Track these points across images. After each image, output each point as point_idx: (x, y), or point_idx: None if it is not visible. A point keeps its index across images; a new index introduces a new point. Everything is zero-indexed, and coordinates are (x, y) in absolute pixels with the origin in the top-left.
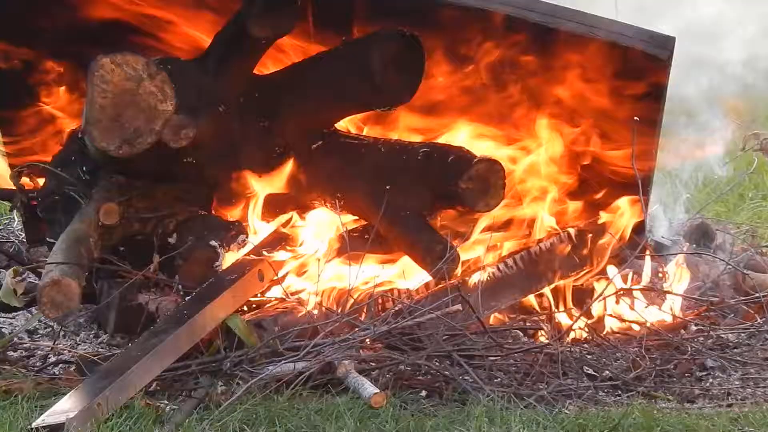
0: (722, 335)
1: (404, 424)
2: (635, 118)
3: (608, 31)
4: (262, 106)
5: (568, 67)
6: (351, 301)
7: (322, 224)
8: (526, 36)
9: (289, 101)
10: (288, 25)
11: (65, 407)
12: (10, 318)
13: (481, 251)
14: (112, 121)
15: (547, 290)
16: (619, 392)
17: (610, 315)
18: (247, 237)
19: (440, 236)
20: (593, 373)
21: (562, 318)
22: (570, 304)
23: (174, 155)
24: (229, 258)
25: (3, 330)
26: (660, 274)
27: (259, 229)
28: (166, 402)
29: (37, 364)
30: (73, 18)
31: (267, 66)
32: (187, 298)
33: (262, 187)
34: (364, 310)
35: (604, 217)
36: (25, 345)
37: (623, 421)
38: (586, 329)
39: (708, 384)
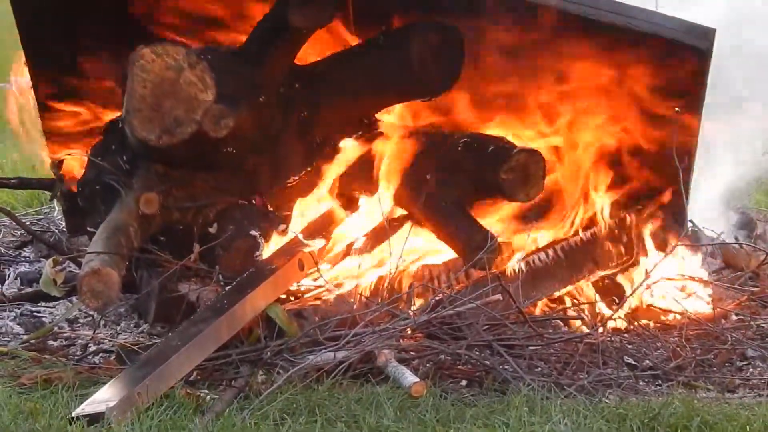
0: (762, 325)
1: (444, 413)
2: (676, 109)
3: (649, 23)
4: (302, 96)
5: (608, 57)
6: (391, 290)
7: (363, 213)
8: (565, 26)
9: (329, 92)
10: (328, 15)
11: (105, 396)
12: (51, 307)
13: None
14: (152, 111)
15: (587, 280)
16: (660, 382)
17: (650, 305)
18: (287, 226)
19: (480, 226)
20: (633, 362)
21: (602, 307)
22: (610, 294)
23: (214, 145)
24: (269, 247)
25: (43, 319)
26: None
27: (301, 218)
28: (206, 391)
29: (78, 353)
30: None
31: (307, 56)
32: (227, 288)
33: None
34: (405, 300)
35: (644, 207)
36: (65, 334)
37: (663, 411)
38: (626, 319)
39: (748, 374)
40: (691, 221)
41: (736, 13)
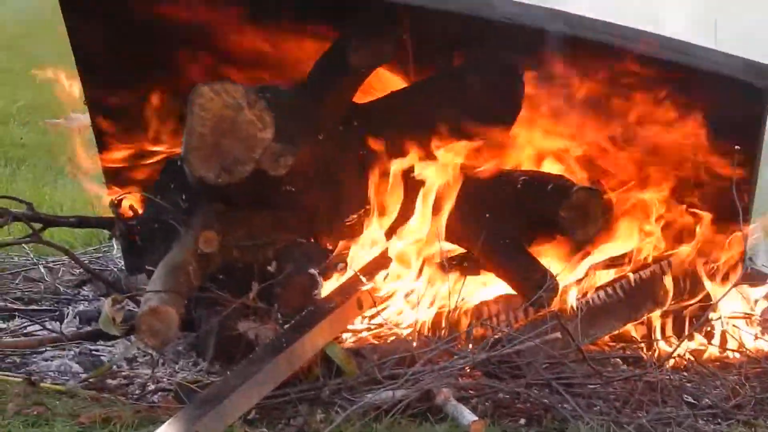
0: None
1: None
2: (736, 147)
3: (709, 61)
4: (361, 134)
5: (664, 95)
6: (449, 329)
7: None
8: (625, 66)
9: (388, 129)
10: (388, 53)
11: None
12: (109, 346)
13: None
14: (211, 149)
15: (646, 318)
16: (719, 420)
17: (709, 343)
18: (346, 265)
19: (539, 264)
20: (693, 401)
21: (661, 346)
22: (669, 331)
23: (273, 183)
24: (328, 285)
25: (102, 358)
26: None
27: (360, 256)
28: (264, 430)
29: (136, 392)
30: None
31: (366, 94)
32: (285, 326)
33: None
34: (463, 338)
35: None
36: (123, 373)
37: None
38: (687, 356)
39: None
40: (750, 259)
41: None
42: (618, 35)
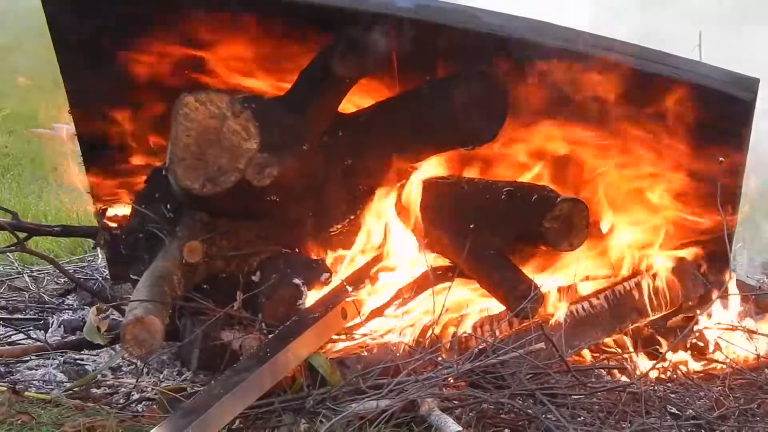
0: None
1: None
2: (720, 158)
3: (694, 73)
4: (346, 144)
5: (651, 109)
6: (434, 339)
7: (407, 262)
8: (610, 77)
9: (372, 140)
10: (373, 64)
11: None
12: (94, 355)
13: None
14: (196, 159)
15: (630, 329)
16: (703, 431)
17: (693, 354)
18: (330, 275)
19: (524, 275)
20: (676, 412)
21: (644, 357)
22: (654, 343)
23: (257, 193)
24: (312, 296)
25: (87, 367)
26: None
27: (345, 266)
28: None
29: (121, 401)
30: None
31: (351, 104)
32: (270, 336)
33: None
34: (448, 348)
35: (686, 257)
36: (108, 382)
37: None
38: (670, 368)
39: None
40: (733, 270)
41: None
42: (602, 47)
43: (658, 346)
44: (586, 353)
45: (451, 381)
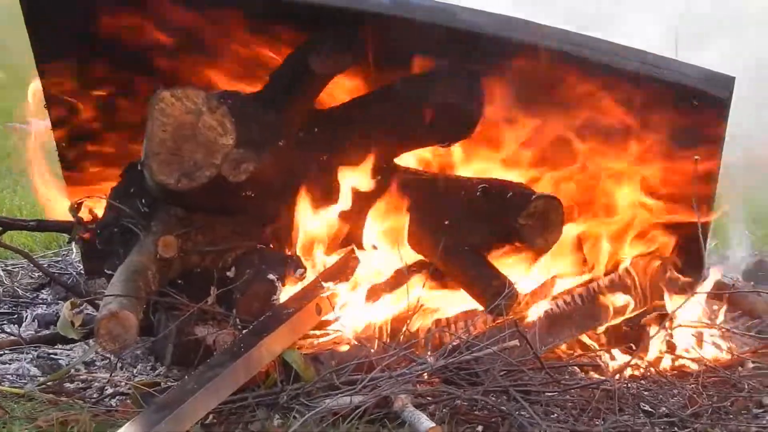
0: None
1: None
2: (695, 156)
3: (670, 71)
4: (321, 140)
5: (628, 105)
6: (408, 335)
7: (382, 258)
8: (586, 74)
9: (348, 136)
10: (348, 60)
11: None
12: (68, 350)
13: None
14: (172, 155)
15: (604, 327)
16: (676, 429)
17: (667, 352)
18: (305, 270)
19: (498, 272)
20: (650, 409)
21: (618, 354)
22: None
23: (233, 189)
24: (286, 291)
25: (60, 362)
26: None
27: (319, 263)
28: None
29: (94, 395)
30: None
31: (326, 100)
32: (244, 332)
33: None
34: (422, 345)
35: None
36: (82, 377)
37: None
38: (644, 366)
39: (765, 421)
40: (707, 268)
41: None
42: (574, 43)
43: (632, 344)
44: (562, 350)
45: (425, 377)
